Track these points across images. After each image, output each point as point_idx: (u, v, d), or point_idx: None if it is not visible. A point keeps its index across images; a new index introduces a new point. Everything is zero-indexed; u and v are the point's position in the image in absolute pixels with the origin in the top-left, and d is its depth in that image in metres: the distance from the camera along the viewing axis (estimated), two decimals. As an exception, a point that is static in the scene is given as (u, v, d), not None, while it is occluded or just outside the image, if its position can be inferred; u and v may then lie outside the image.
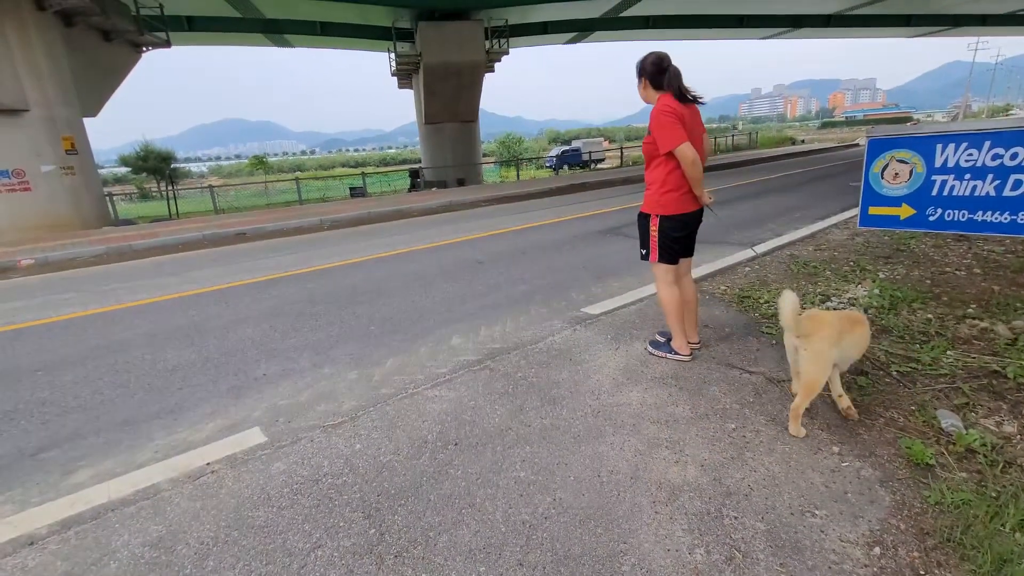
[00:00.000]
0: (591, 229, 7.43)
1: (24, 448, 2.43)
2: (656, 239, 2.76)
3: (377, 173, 29.46)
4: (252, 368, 3.19)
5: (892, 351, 2.77)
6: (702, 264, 4.85)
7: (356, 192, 21.14)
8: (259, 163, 47.92)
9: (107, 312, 4.73)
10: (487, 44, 19.00)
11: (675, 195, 2.67)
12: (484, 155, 29.05)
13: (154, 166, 29.19)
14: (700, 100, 2.66)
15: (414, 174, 22.46)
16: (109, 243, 8.61)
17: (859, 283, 3.93)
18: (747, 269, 4.65)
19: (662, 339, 3.01)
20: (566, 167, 37.15)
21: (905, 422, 2.17)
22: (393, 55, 20.12)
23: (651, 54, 2.63)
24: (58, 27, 11.19)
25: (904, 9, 24.02)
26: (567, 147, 45.48)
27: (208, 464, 2.16)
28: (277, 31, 20.75)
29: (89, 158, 12.11)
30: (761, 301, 3.69)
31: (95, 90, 13.43)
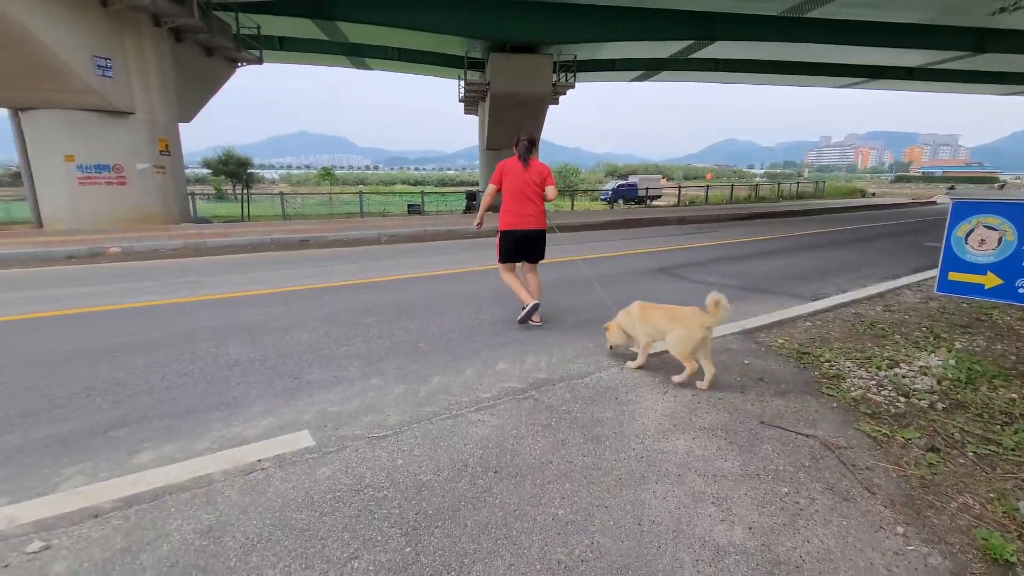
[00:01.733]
0: (643, 266, 7.35)
1: (97, 424, 2.62)
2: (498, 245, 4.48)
3: (435, 192, 30.41)
4: (306, 371, 3.32)
5: (968, 429, 2.57)
6: (759, 314, 4.69)
7: (414, 209, 21.86)
8: (326, 174, 50.59)
9: (179, 303, 5.06)
10: (554, 77, 19.47)
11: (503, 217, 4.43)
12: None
13: (232, 170, 31.33)
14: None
15: (470, 196, 23.02)
16: (187, 239, 9.27)
17: (932, 351, 3.68)
18: (807, 324, 4.45)
19: (522, 311, 4.36)
20: (621, 201, 37.03)
21: (982, 510, 1.99)
22: (463, 82, 20.95)
23: (518, 136, 4.41)
24: (169, 41, 12.38)
25: (996, 66, 22.82)
26: (623, 181, 45.42)
27: (259, 461, 2.26)
28: (358, 55, 22.10)
29: (179, 160, 13.17)
30: (822, 359, 3.51)
31: (192, 99, 14.67)
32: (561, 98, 21.53)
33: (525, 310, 4.33)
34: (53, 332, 4.11)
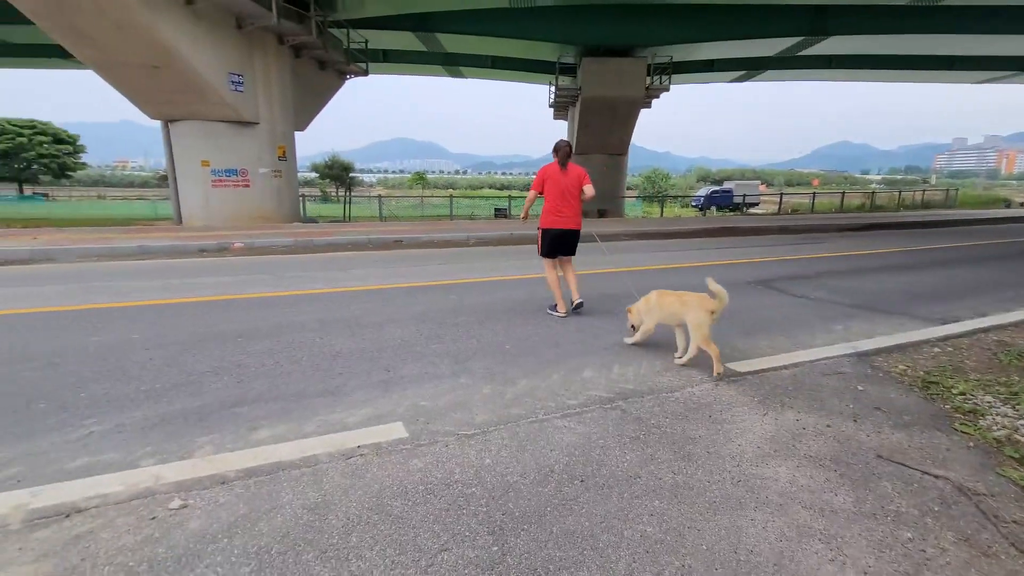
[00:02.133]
0: (738, 278, 6.93)
1: (224, 400, 2.94)
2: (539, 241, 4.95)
3: (520, 196, 30.84)
4: (399, 366, 3.50)
5: None
6: (875, 335, 4.24)
7: (500, 213, 22.30)
8: (419, 178, 53.19)
9: (289, 296, 5.56)
10: (648, 80, 18.99)
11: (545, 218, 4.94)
12: (628, 188, 28.80)
13: (337, 174, 33.84)
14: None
15: (556, 201, 23.04)
16: (297, 237, 10.16)
17: (1103, 391, 3.11)
18: (935, 350, 3.95)
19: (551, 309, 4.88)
20: (714, 208, 35.25)
21: None
22: (553, 88, 21.06)
23: (558, 141, 4.84)
24: (289, 57, 13.68)
25: None
26: (717, 187, 43.23)
27: (359, 447, 2.41)
28: (454, 63, 23.01)
29: (293, 164, 14.49)
30: (955, 391, 3.10)
31: (307, 109, 16.08)
32: (653, 102, 20.94)
33: (554, 312, 4.87)
34: (189, 316, 4.68)
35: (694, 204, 38.20)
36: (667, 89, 20.08)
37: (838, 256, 9.46)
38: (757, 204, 36.73)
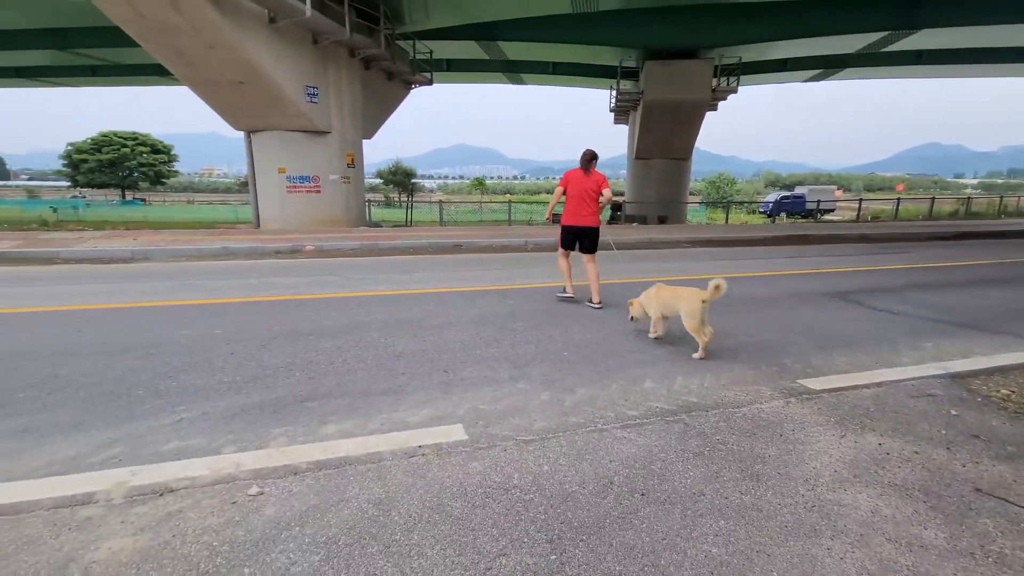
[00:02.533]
0: (812, 289, 6.53)
1: (296, 394, 3.11)
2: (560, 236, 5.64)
3: (579, 202, 30.59)
4: (459, 368, 3.56)
5: None
6: (972, 355, 3.87)
7: (558, 218, 22.22)
8: (478, 184, 54.07)
9: (357, 296, 5.80)
10: (714, 82, 18.36)
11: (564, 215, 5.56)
12: (690, 194, 27.90)
13: (399, 180, 34.99)
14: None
15: (615, 207, 22.70)
16: (363, 240, 10.60)
17: None
18: (1046, 374, 3.54)
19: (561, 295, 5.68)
20: (784, 215, 33.46)
21: None
22: (614, 92, 20.81)
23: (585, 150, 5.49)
24: (360, 69, 14.34)
25: None
26: (788, 193, 41.01)
27: (420, 447, 2.48)
28: (515, 71, 23.26)
29: (361, 171, 15.15)
30: (1070, 422, 2.76)
31: (374, 118, 16.78)
32: (720, 103, 20.21)
33: (563, 295, 5.70)
34: (265, 314, 4.99)
35: (762, 210, 36.44)
36: (735, 91, 19.32)
37: (926, 267, 8.70)
38: (833, 211, 34.49)
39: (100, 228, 14.59)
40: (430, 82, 18.55)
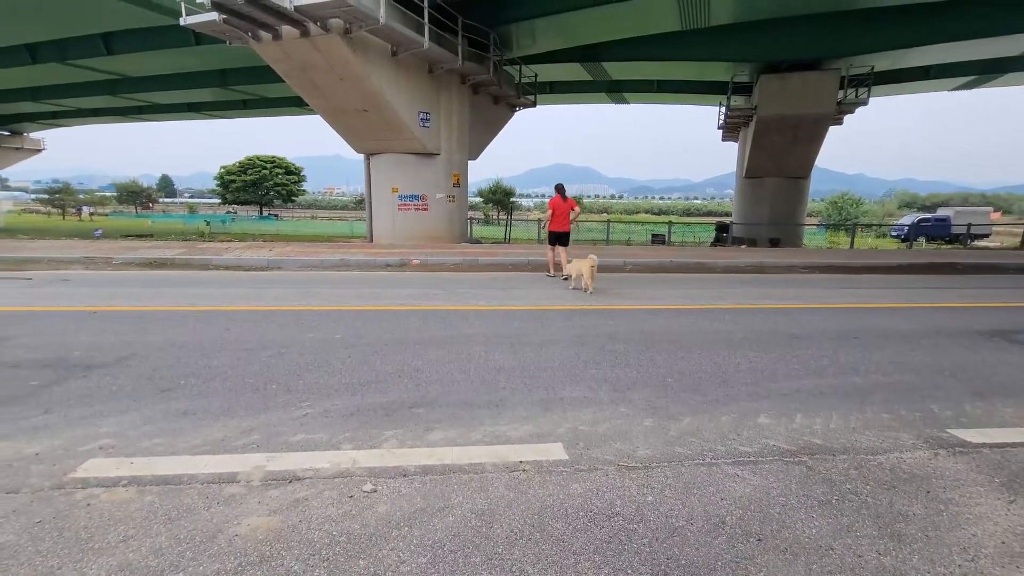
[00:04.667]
0: (964, 326, 5.66)
1: (405, 400, 3.29)
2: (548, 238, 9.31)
3: (679, 222, 29.47)
4: (558, 387, 3.55)
5: None
6: None
7: (657, 239, 21.59)
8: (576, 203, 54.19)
9: (458, 310, 6.04)
10: (840, 95, 16.86)
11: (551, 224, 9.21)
12: (808, 215, 25.66)
13: (499, 199, 36.08)
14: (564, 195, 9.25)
15: (721, 228, 21.56)
16: (465, 255, 11.05)
17: None
18: None
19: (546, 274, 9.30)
20: (923, 239, 29.54)
21: None
22: (724, 108, 19.89)
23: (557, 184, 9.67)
24: (469, 94, 15.12)
25: None
26: (929, 214, 36.22)
27: (520, 462, 2.50)
28: (618, 90, 23.13)
29: (465, 190, 15.87)
30: None
31: (479, 140, 17.53)
32: (846, 117, 18.46)
33: (549, 275, 9.10)
34: (376, 322, 5.37)
35: (895, 234, 32.46)
36: (864, 103, 17.54)
37: (1122, 306, 7.18)
38: (988, 236, 29.81)
39: (242, 239, 16.70)
40: (534, 104, 19.03)
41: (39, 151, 37.42)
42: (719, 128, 22.21)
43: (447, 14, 12.31)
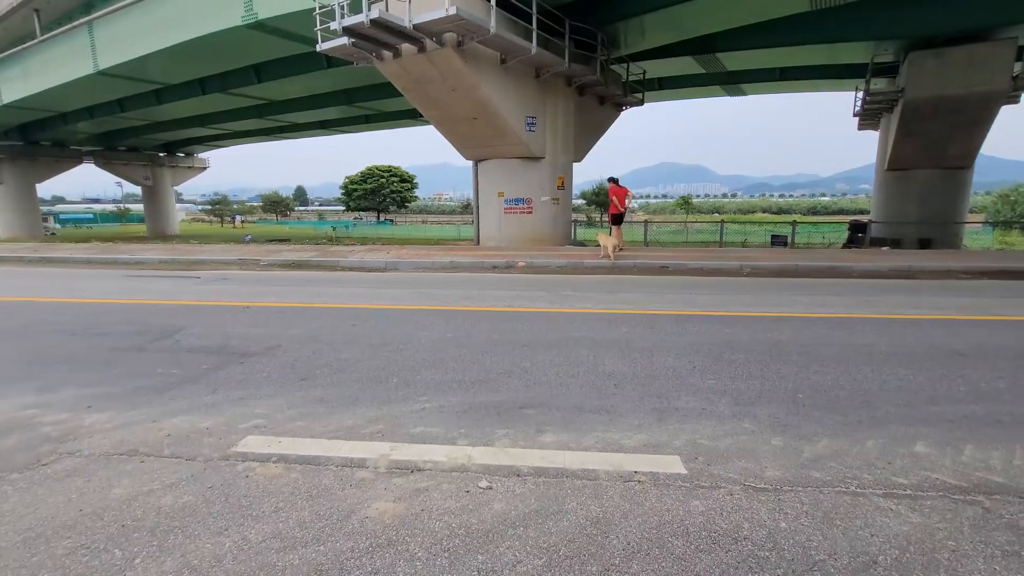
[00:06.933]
0: None
1: (515, 400, 3.34)
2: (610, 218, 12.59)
3: (804, 222, 26.76)
4: (672, 396, 3.38)
5: None
6: None
7: (777, 240, 19.85)
8: (685, 203, 51.71)
9: (563, 312, 6.02)
10: (1017, 67, 14.23)
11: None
12: (970, 211, 21.93)
13: (602, 200, 35.51)
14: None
15: (856, 227, 19.22)
16: (569, 258, 11.01)
17: None
18: None
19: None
20: None
21: None
22: (861, 93, 17.72)
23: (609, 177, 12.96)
24: (574, 97, 15.07)
25: None
26: None
27: (635, 472, 2.41)
28: (734, 82, 21.64)
29: (569, 193, 15.83)
30: None
31: (584, 142, 17.39)
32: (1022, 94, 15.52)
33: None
34: (486, 322, 5.53)
35: (1092, 232, 26.66)
36: (1051, 76, 14.62)
37: None
38: None
39: (364, 243, 18.19)
40: (641, 102, 18.46)
41: (204, 168, 43.91)
42: (855, 115, 19.83)
43: (554, 17, 12.37)
